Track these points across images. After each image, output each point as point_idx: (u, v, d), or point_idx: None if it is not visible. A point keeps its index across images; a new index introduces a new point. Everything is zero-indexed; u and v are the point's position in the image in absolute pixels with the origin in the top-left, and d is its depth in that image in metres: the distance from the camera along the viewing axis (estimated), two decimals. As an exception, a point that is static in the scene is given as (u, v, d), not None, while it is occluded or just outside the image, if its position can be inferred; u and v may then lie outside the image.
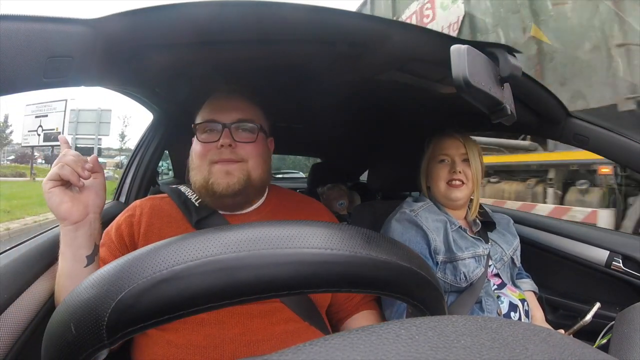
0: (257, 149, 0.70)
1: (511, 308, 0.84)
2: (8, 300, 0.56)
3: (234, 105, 0.72)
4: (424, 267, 0.28)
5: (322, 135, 1.87)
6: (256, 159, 0.70)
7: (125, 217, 0.70)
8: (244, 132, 0.70)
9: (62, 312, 0.21)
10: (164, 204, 0.73)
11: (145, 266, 0.20)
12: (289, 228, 0.24)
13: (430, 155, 0.96)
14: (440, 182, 0.91)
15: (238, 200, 0.70)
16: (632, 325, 0.39)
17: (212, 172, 0.67)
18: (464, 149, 0.91)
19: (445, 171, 0.91)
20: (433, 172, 0.94)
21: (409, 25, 0.56)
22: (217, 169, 0.67)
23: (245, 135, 0.70)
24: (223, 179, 0.66)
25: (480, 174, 0.93)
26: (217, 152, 0.67)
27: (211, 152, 0.68)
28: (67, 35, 0.43)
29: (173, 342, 0.58)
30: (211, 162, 0.68)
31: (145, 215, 0.70)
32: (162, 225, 0.69)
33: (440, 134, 0.96)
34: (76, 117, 10.50)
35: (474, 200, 0.94)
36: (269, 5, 0.50)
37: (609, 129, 0.85)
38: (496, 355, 0.16)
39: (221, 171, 0.67)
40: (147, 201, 0.74)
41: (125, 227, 0.68)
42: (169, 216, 0.70)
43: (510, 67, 0.51)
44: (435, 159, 0.94)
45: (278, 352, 0.16)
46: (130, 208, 0.72)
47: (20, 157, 20.37)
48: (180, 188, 0.76)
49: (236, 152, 0.68)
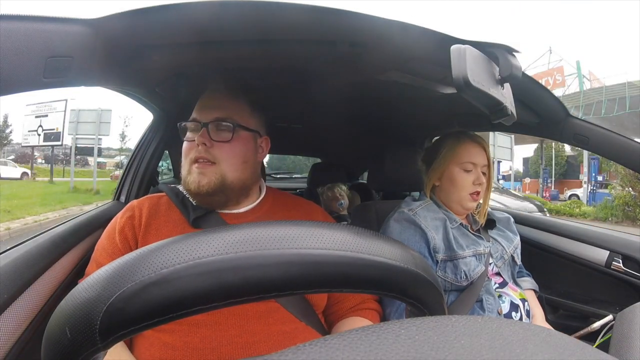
0: (233, 150, 0.70)
1: (512, 308, 0.84)
2: (8, 300, 0.56)
3: (216, 104, 0.72)
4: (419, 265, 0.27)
5: (322, 135, 1.87)
6: (231, 160, 0.69)
7: (126, 218, 0.70)
8: (221, 132, 0.70)
9: (58, 316, 0.21)
10: (162, 203, 0.73)
11: (134, 270, 0.21)
12: (278, 229, 0.24)
13: (451, 158, 0.91)
14: (463, 191, 0.89)
15: (217, 199, 0.70)
16: (632, 325, 0.39)
17: (191, 170, 0.69)
18: (487, 158, 0.90)
19: (470, 181, 0.89)
20: (456, 179, 0.90)
21: (409, 25, 0.55)
22: (194, 169, 0.69)
23: (220, 135, 0.70)
24: (196, 178, 0.68)
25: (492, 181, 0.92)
26: (196, 150, 0.68)
27: (192, 150, 0.69)
28: (67, 35, 0.43)
29: (170, 344, 0.58)
30: (191, 162, 0.69)
31: (144, 215, 0.70)
32: (159, 224, 0.69)
33: (463, 136, 0.92)
34: (76, 117, 10.55)
35: (483, 205, 0.94)
36: (269, 5, 0.50)
37: (609, 129, 0.85)
38: (496, 355, 0.16)
39: (196, 172, 0.68)
40: (144, 200, 0.74)
41: (129, 230, 0.68)
42: (167, 215, 0.70)
43: (510, 67, 0.51)
44: (460, 165, 0.90)
45: (278, 352, 0.16)
46: (128, 209, 0.72)
47: (20, 157, 20.40)
48: (178, 187, 0.76)
49: (211, 152, 0.68)
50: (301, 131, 1.66)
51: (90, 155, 13.39)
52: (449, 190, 0.91)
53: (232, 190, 0.70)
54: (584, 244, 1.06)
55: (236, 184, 0.70)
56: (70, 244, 0.79)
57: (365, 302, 0.75)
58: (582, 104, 10.48)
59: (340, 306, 0.74)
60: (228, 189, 0.69)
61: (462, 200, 0.90)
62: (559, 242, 1.13)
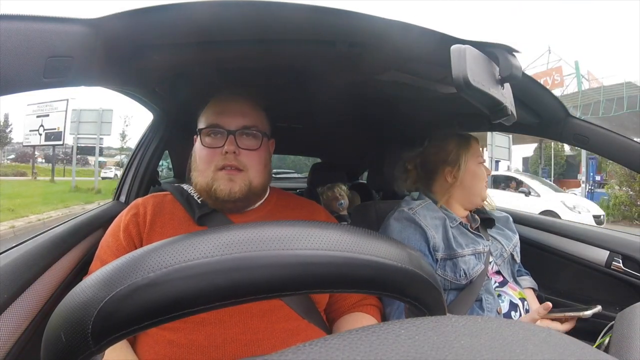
0: (260, 157, 0.72)
1: (511, 307, 0.84)
2: (8, 300, 0.56)
3: (239, 110, 0.73)
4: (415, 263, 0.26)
5: (322, 135, 1.87)
6: (258, 167, 0.72)
7: (130, 216, 0.70)
8: (248, 139, 0.72)
9: (54, 321, 0.21)
10: (167, 201, 0.74)
11: (124, 274, 0.21)
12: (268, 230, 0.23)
13: (470, 154, 0.93)
14: (482, 182, 0.93)
15: (239, 205, 0.72)
16: (632, 325, 0.39)
17: (216, 178, 0.69)
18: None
19: (485, 172, 0.94)
20: (477, 172, 0.93)
21: (409, 25, 0.55)
22: (220, 176, 0.69)
23: (249, 143, 0.71)
24: (226, 186, 0.68)
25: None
26: (221, 157, 0.69)
27: (216, 157, 0.69)
28: (67, 35, 0.43)
29: (175, 342, 0.58)
30: (216, 168, 0.69)
31: (149, 213, 0.70)
32: (164, 221, 0.69)
33: (465, 133, 0.97)
34: (78, 117, 10.62)
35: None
36: (269, 5, 0.50)
37: (609, 129, 0.85)
38: (496, 355, 0.16)
39: (225, 178, 0.68)
40: (149, 198, 0.74)
41: (133, 227, 0.68)
42: (171, 213, 0.71)
43: (510, 67, 0.51)
44: (476, 159, 0.94)
45: (278, 352, 0.16)
46: (132, 206, 0.72)
47: (20, 156, 20.38)
48: (183, 186, 0.77)
49: (239, 160, 0.69)
50: (301, 131, 1.66)
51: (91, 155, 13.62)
52: (471, 184, 0.93)
53: (255, 194, 0.73)
54: (584, 244, 1.06)
55: (258, 188, 0.72)
56: (70, 244, 0.79)
57: (367, 299, 0.75)
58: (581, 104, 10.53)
59: (342, 303, 0.74)
60: (253, 194, 0.72)
61: (482, 191, 0.94)
62: (559, 242, 1.13)
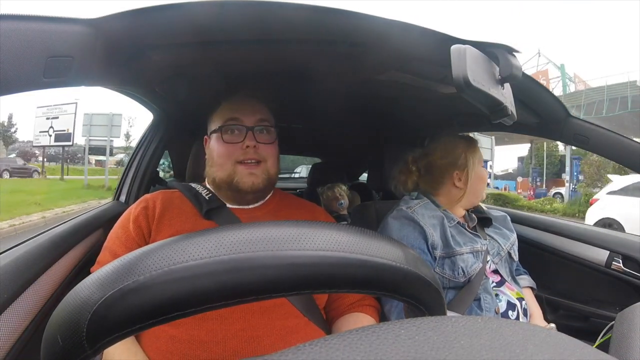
0: (274, 149, 0.78)
1: (509, 307, 0.84)
2: (8, 300, 0.56)
3: (253, 108, 0.78)
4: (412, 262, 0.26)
5: (322, 135, 1.87)
6: (273, 158, 0.77)
7: (140, 209, 0.72)
8: (264, 134, 0.77)
9: (51, 324, 0.21)
10: (175, 197, 0.76)
11: (116, 277, 0.21)
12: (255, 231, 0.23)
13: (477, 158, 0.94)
14: (485, 183, 0.97)
15: (258, 196, 0.78)
16: (632, 325, 0.39)
17: (236, 171, 0.73)
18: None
19: (486, 173, 0.98)
20: (482, 175, 0.96)
21: (409, 25, 0.55)
22: (241, 169, 0.73)
23: (265, 137, 0.76)
24: (248, 179, 0.72)
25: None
26: (242, 152, 0.73)
27: (236, 152, 0.73)
28: (67, 35, 0.43)
29: (177, 338, 0.59)
30: (236, 162, 0.73)
31: (158, 207, 0.72)
32: (172, 215, 0.71)
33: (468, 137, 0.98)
34: (90, 121, 11.16)
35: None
36: (269, 5, 0.50)
37: (609, 129, 0.85)
38: (496, 355, 0.16)
39: (245, 172, 0.73)
40: (158, 194, 0.76)
41: (143, 219, 0.70)
42: (180, 208, 0.73)
43: (510, 67, 0.51)
44: (481, 162, 0.96)
45: (278, 353, 0.16)
46: (142, 200, 0.74)
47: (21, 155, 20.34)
48: (190, 184, 0.79)
49: (258, 153, 0.74)
50: (301, 131, 1.66)
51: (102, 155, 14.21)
52: (477, 187, 0.94)
53: (271, 185, 0.78)
54: (584, 244, 1.06)
55: (273, 179, 0.78)
56: (70, 244, 0.79)
57: (365, 299, 0.76)
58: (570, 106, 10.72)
59: (341, 302, 0.75)
60: (269, 184, 0.76)
61: (483, 192, 0.97)
62: (559, 242, 1.13)
